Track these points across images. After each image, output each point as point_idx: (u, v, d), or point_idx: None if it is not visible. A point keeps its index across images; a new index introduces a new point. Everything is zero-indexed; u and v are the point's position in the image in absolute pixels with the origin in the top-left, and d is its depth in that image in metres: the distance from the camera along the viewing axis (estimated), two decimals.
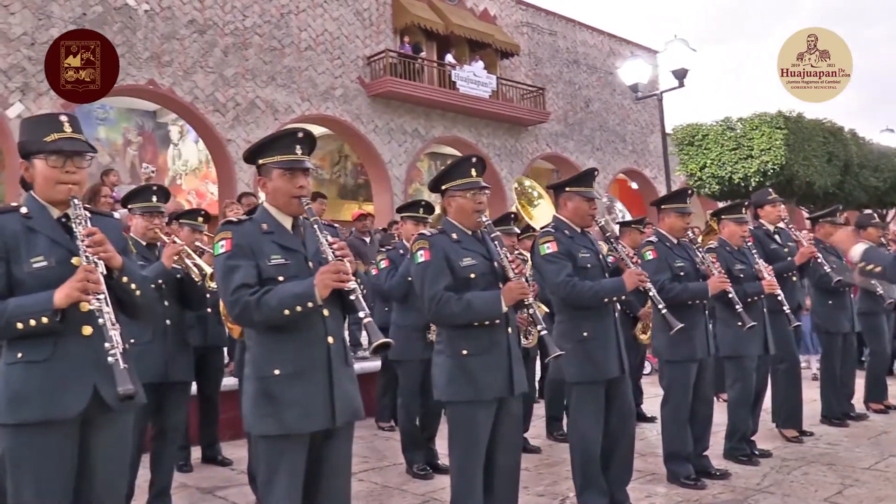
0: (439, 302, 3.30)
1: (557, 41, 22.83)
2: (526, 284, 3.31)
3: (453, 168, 3.55)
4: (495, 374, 3.35)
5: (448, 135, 19.68)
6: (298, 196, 2.84)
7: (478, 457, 3.34)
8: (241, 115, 16.01)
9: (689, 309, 4.80)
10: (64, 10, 13.86)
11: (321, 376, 2.77)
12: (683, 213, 4.97)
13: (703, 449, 4.97)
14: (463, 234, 3.48)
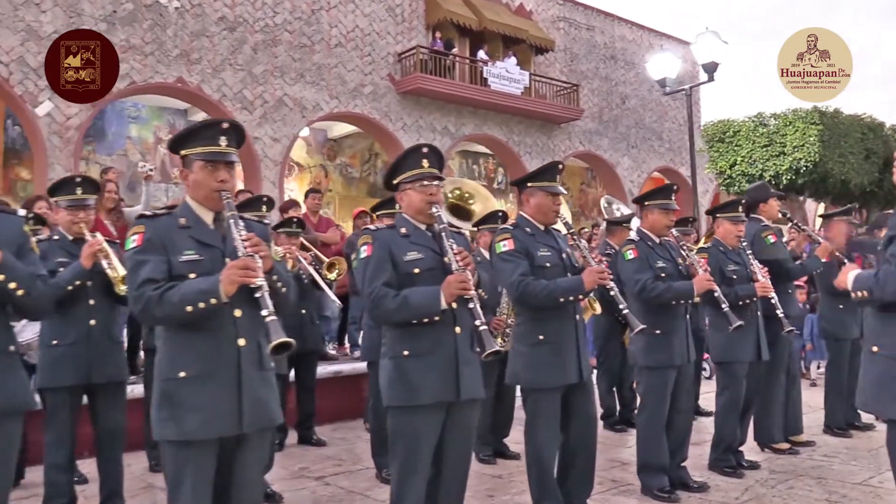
0: (376, 298, 3.15)
1: (595, 36, 22.47)
2: (468, 278, 3.10)
3: (403, 159, 3.37)
4: (439, 377, 3.16)
5: (479, 132, 19.50)
6: (219, 190, 2.75)
7: (419, 465, 3.17)
8: (268, 112, 16.07)
9: (668, 313, 4.61)
10: (95, 8, 14.04)
11: (229, 380, 2.67)
12: (667, 209, 4.75)
13: (681, 460, 4.77)
14: (413, 229, 3.32)
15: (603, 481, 4.96)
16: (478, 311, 3.07)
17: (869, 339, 2.93)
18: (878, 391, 2.81)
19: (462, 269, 3.12)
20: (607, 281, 3.83)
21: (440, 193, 3.37)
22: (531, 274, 3.82)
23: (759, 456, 5.44)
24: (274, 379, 2.87)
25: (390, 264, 3.20)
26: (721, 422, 5.09)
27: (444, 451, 3.24)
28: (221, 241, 2.76)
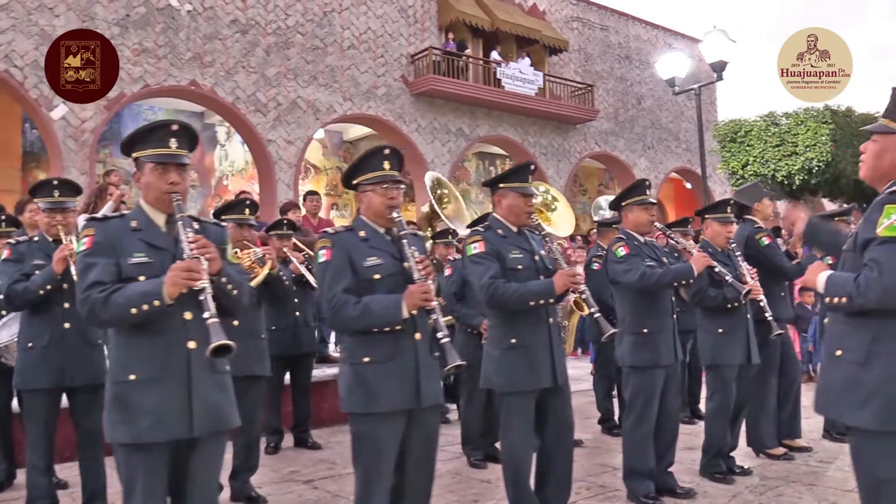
0: (336, 305, 3.11)
1: (609, 36, 22.35)
2: (430, 289, 3.06)
3: (364, 160, 3.32)
4: (399, 384, 3.12)
5: (493, 134, 19.46)
6: (170, 192, 2.75)
7: (381, 472, 3.14)
8: (282, 115, 16.13)
9: (655, 311, 4.56)
10: (107, 12, 14.17)
11: (179, 383, 2.66)
12: (646, 205, 4.67)
13: (668, 464, 4.70)
14: (372, 232, 3.27)
15: (591, 486, 4.93)
16: (440, 323, 3.04)
17: (831, 342, 2.80)
18: (840, 396, 2.71)
19: (423, 279, 3.08)
20: (579, 284, 3.75)
21: (401, 197, 3.31)
22: (502, 276, 3.77)
23: (754, 461, 5.36)
24: (229, 382, 2.87)
25: (350, 269, 3.16)
26: (711, 426, 5.03)
27: (406, 457, 3.20)
28: (173, 244, 2.75)
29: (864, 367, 2.64)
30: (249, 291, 3.00)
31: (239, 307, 2.91)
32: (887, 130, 2.82)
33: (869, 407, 2.60)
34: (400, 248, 3.21)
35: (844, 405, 2.70)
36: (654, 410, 4.53)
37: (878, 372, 2.61)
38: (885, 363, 2.60)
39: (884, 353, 2.62)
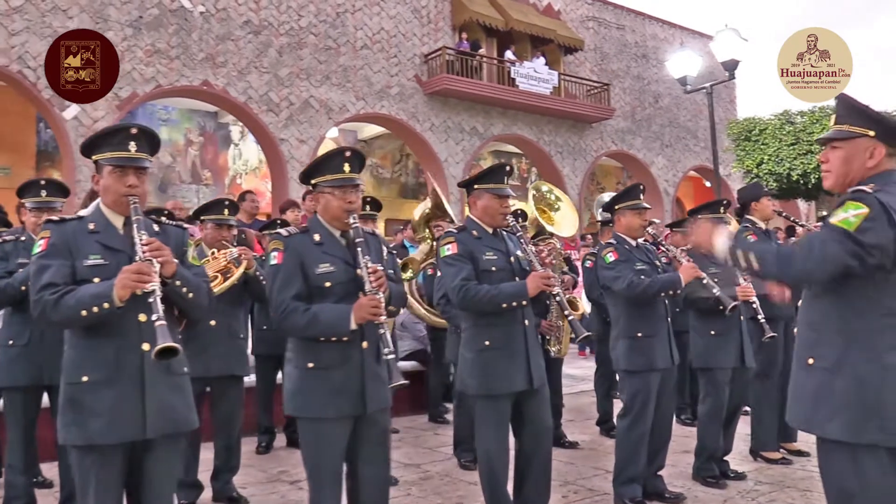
0: (284, 312, 3.05)
1: (625, 35, 22.17)
2: (380, 302, 2.98)
3: (324, 161, 3.23)
4: (343, 392, 3.05)
5: (508, 133, 19.36)
6: (127, 195, 2.74)
7: (329, 473, 3.08)
8: (294, 114, 16.14)
9: (649, 315, 4.48)
10: (121, 13, 14.24)
11: (132, 385, 2.65)
12: (639, 209, 4.60)
13: (657, 468, 4.61)
14: (327, 235, 3.18)
15: (579, 490, 4.84)
16: (387, 339, 2.97)
17: (803, 350, 2.67)
18: (813, 406, 2.59)
19: (375, 291, 3.00)
20: (552, 287, 3.66)
21: (359, 201, 3.24)
22: (475, 278, 3.70)
23: (750, 465, 5.25)
24: (187, 384, 2.83)
25: (301, 275, 3.09)
26: (703, 430, 4.92)
27: (357, 461, 3.15)
28: (130, 246, 2.72)
29: (835, 374, 2.53)
30: (208, 294, 2.95)
31: (196, 310, 2.89)
32: (851, 135, 2.71)
33: (839, 417, 2.50)
34: (355, 255, 3.11)
35: (815, 415, 2.59)
36: (650, 414, 4.44)
37: (849, 379, 2.51)
38: (857, 370, 2.50)
39: (855, 360, 2.52)
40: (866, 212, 2.45)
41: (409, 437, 6.43)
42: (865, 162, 2.66)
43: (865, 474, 2.50)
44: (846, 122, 2.72)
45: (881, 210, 2.45)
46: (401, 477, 5.12)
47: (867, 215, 2.45)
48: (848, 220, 2.46)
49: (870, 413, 2.47)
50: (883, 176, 2.62)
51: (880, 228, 2.44)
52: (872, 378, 2.48)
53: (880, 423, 2.46)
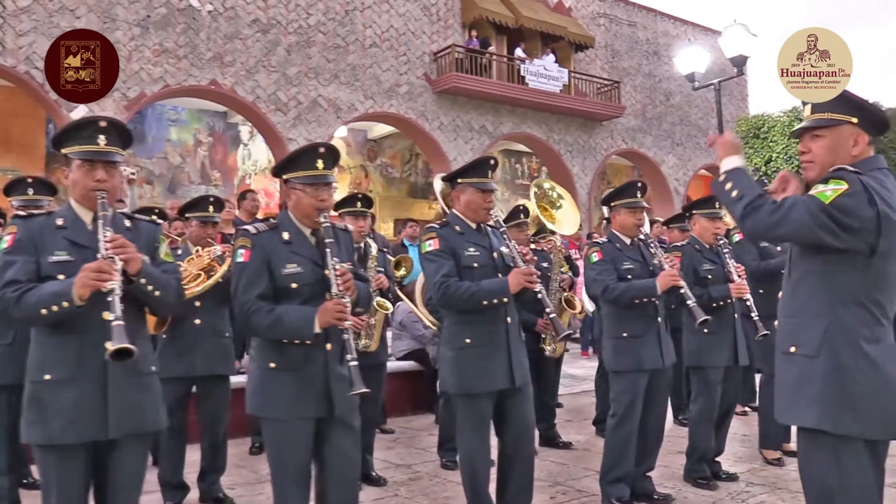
0: (248, 311, 2.98)
1: (637, 32, 22.03)
2: (345, 307, 2.91)
3: (297, 156, 3.15)
4: (304, 392, 2.99)
5: (518, 131, 19.27)
6: (95, 189, 2.70)
7: (292, 474, 3.01)
8: (302, 113, 16.13)
9: (637, 315, 4.40)
10: (128, 13, 14.28)
11: (94, 384, 2.62)
12: (634, 208, 4.51)
13: (647, 469, 4.55)
14: (297, 234, 3.10)
15: (568, 491, 4.79)
16: (350, 345, 2.90)
17: (785, 340, 2.64)
18: (793, 395, 2.55)
19: (342, 294, 2.93)
20: (534, 284, 3.60)
21: (331, 199, 3.17)
22: (456, 275, 3.65)
23: (743, 466, 5.17)
24: (154, 383, 2.80)
25: (267, 275, 3.03)
26: (694, 430, 4.85)
27: (324, 463, 3.08)
28: (97, 243, 2.66)
29: (815, 359, 2.50)
30: (178, 292, 2.91)
31: (164, 308, 2.87)
32: (834, 122, 2.67)
33: (817, 405, 2.46)
34: (323, 255, 3.03)
35: (795, 404, 2.54)
36: (637, 414, 4.36)
37: (828, 364, 2.47)
38: (836, 356, 2.47)
39: (835, 345, 2.48)
40: (845, 187, 2.42)
41: (405, 437, 6.39)
42: (850, 150, 2.61)
43: (846, 469, 2.46)
44: (827, 110, 2.70)
45: (861, 189, 2.42)
46: (391, 477, 5.09)
47: (845, 191, 2.42)
48: (825, 193, 2.44)
49: (845, 403, 2.44)
50: (866, 162, 2.59)
51: (857, 206, 2.40)
52: (850, 366, 2.45)
53: (855, 414, 2.43)
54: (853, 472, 2.45)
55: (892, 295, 2.58)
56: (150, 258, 2.82)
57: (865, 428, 2.44)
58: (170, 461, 4.44)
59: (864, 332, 2.48)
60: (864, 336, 2.47)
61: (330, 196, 3.14)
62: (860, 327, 2.48)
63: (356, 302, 3.08)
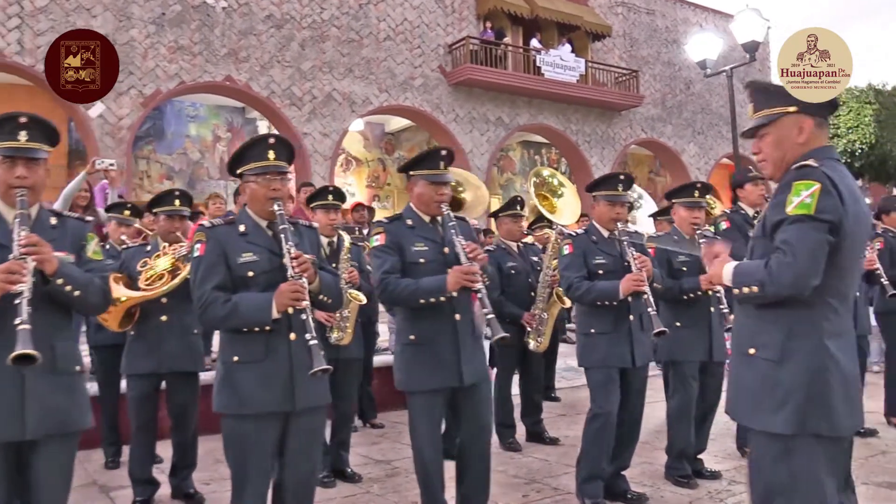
0: (205, 304, 3.02)
1: (655, 20, 21.77)
2: (301, 287, 2.92)
3: (247, 149, 3.18)
4: (269, 386, 2.99)
5: (534, 122, 19.17)
6: (16, 186, 2.69)
7: (252, 475, 3.02)
8: (317, 108, 16.21)
9: (605, 312, 4.36)
10: (144, 11, 14.43)
11: (11, 385, 2.61)
12: (614, 201, 4.43)
13: (621, 467, 4.51)
14: (253, 226, 3.14)
15: (542, 489, 4.79)
16: (310, 324, 2.89)
17: (742, 340, 2.59)
18: (755, 399, 2.50)
19: (298, 277, 2.94)
20: (474, 283, 3.52)
21: (286, 189, 3.19)
22: (399, 271, 3.63)
23: (728, 464, 5.11)
24: (78, 383, 2.81)
25: (224, 266, 3.06)
26: (672, 427, 4.80)
27: (285, 459, 3.10)
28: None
29: (780, 365, 2.45)
30: (102, 291, 2.89)
31: (87, 308, 2.87)
32: (774, 117, 2.65)
33: (785, 410, 2.42)
34: (280, 243, 3.05)
35: (758, 408, 2.50)
36: (612, 407, 4.30)
37: (795, 370, 2.43)
38: (801, 361, 2.43)
39: (799, 349, 2.44)
40: (819, 187, 2.38)
41: (393, 432, 6.41)
42: (796, 138, 2.59)
43: (798, 467, 2.43)
44: (765, 107, 2.68)
45: (830, 185, 2.39)
46: (368, 474, 5.13)
47: (820, 191, 2.38)
48: (805, 202, 2.38)
49: (815, 403, 2.41)
50: (821, 150, 2.56)
51: (835, 202, 2.37)
52: (818, 367, 2.41)
53: (823, 414, 2.40)
54: (805, 469, 2.42)
55: (851, 280, 2.56)
56: (77, 257, 2.81)
57: (833, 425, 2.42)
58: (139, 457, 4.51)
59: (827, 327, 2.45)
60: (828, 331, 2.44)
61: (283, 186, 3.14)
62: (822, 322, 2.45)
63: (320, 290, 3.09)
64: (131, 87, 14.27)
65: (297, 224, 3.32)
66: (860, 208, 2.52)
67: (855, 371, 2.52)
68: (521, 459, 5.52)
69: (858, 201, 2.52)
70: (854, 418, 2.50)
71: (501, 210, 6.23)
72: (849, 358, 2.50)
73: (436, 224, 3.78)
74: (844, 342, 2.50)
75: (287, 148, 3.24)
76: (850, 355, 2.52)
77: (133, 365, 4.48)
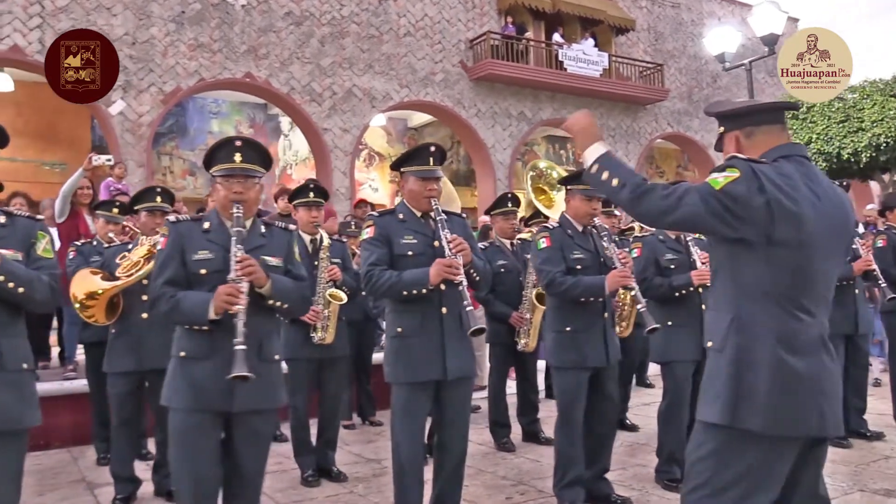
0: (154, 297, 3.05)
1: (681, 14, 21.46)
2: (238, 290, 2.88)
3: (216, 150, 3.17)
4: (208, 385, 2.97)
5: (557, 117, 18.97)
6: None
7: (194, 470, 2.98)
8: (337, 104, 16.21)
9: (580, 309, 4.25)
10: (163, 9, 14.53)
11: None
12: (590, 196, 4.33)
13: (602, 470, 4.41)
14: (217, 225, 3.14)
15: (527, 491, 4.71)
16: (239, 329, 2.85)
17: (705, 336, 2.53)
18: (703, 391, 2.44)
19: (239, 280, 2.91)
20: (456, 276, 3.49)
21: (251, 192, 3.14)
22: (386, 263, 3.63)
23: None
24: (24, 379, 2.83)
25: (179, 261, 3.06)
26: (662, 429, 4.70)
27: (234, 457, 3.07)
28: None
29: (720, 354, 2.40)
30: (48, 288, 2.88)
31: (34, 305, 2.86)
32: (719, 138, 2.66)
33: (720, 400, 2.34)
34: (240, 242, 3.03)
35: (703, 399, 2.43)
36: (579, 412, 4.25)
37: (729, 359, 2.37)
38: (737, 348, 2.36)
39: (738, 337, 2.38)
40: (736, 175, 2.34)
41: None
42: (732, 151, 2.56)
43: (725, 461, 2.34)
44: None
45: (752, 175, 2.33)
46: (356, 473, 5.09)
47: (736, 178, 2.34)
48: (717, 179, 2.36)
49: (745, 397, 2.33)
50: (773, 151, 2.50)
51: (747, 193, 2.31)
52: (753, 360, 2.34)
53: (754, 409, 2.31)
54: (732, 465, 2.32)
55: (814, 290, 2.44)
56: (26, 255, 2.84)
57: (767, 424, 2.30)
58: (119, 455, 4.52)
59: (773, 326, 2.35)
60: (773, 330, 2.35)
61: (245, 189, 3.11)
62: (767, 321, 2.36)
63: (272, 294, 3.05)
64: (151, 84, 14.37)
65: (271, 226, 3.31)
66: (828, 209, 2.41)
67: (819, 374, 2.38)
68: (513, 460, 5.44)
69: (827, 201, 2.41)
70: (807, 422, 2.35)
71: (493, 207, 6.15)
72: (803, 361, 2.36)
73: (427, 219, 3.76)
74: (801, 345, 2.37)
75: (258, 151, 3.21)
76: (804, 358, 2.36)
77: (114, 363, 4.48)
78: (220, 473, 3.07)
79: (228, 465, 3.09)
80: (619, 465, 4.97)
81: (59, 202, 6.63)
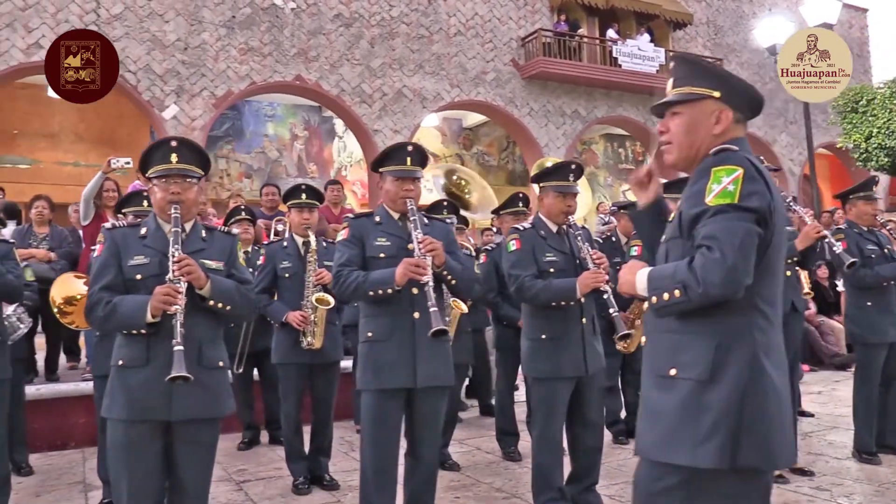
0: (90, 304, 2.99)
1: (742, 6, 20.79)
2: (174, 291, 2.82)
3: (150, 151, 3.10)
4: (147, 393, 2.90)
5: (613, 114, 18.64)
6: None
7: (133, 485, 2.91)
8: (388, 104, 16.23)
9: (558, 315, 4.05)
10: (214, 15, 14.78)
11: None
12: (564, 192, 4.14)
13: (591, 483, 4.22)
14: (154, 229, 3.09)
15: (509, 498, 4.55)
16: (177, 330, 2.79)
17: (659, 360, 2.18)
18: (674, 428, 2.09)
19: (176, 280, 2.86)
20: (422, 276, 3.38)
21: (188, 193, 3.06)
22: (357, 264, 3.58)
23: None
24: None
25: (116, 267, 3.01)
26: None
27: (175, 469, 3.00)
28: None
29: (708, 385, 2.06)
30: (19, 288, 2.91)
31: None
32: (693, 97, 2.28)
33: (714, 440, 2.03)
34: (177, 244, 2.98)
35: (678, 438, 2.08)
36: (558, 424, 4.08)
37: (726, 391, 2.04)
38: (735, 379, 2.05)
39: (732, 366, 2.06)
40: (741, 172, 2.07)
41: None
42: (711, 128, 2.26)
43: None
44: (687, 84, 2.32)
45: (753, 169, 2.09)
46: (349, 481, 5.00)
47: (743, 176, 2.06)
48: (727, 190, 2.06)
49: (750, 431, 2.03)
50: (739, 142, 2.25)
51: (761, 188, 2.07)
52: (755, 388, 2.05)
53: (760, 443, 2.03)
54: None
55: (779, 289, 2.22)
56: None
57: (770, 458, 2.07)
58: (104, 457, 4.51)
59: (760, 339, 2.09)
60: (760, 344, 2.08)
61: (183, 190, 3.06)
62: (756, 334, 2.09)
63: (211, 295, 3.00)
64: (203, 88, 14.62)
65: (213, 230, 3.27)
66: (781, 203, 2.20)
67: (787, 393, 2.18)
68: (516, 471, 5.29)
69: (778, 196, 2.20)
70: (789, 449, 2.14)
71: (503, 207, 6.00)
72: (782, 377, 2.15)
73: (405, 221, 3.67)
74: (777, 358, 2.14)
75: (195, 151, 3.16)
76: (783, 374, 2.17)
77: (98, 367, 4.50)
78: (160, 487, 3.01)
79: (171, 477, 3.04)
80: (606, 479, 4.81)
81: (81, 206, 6.75)
